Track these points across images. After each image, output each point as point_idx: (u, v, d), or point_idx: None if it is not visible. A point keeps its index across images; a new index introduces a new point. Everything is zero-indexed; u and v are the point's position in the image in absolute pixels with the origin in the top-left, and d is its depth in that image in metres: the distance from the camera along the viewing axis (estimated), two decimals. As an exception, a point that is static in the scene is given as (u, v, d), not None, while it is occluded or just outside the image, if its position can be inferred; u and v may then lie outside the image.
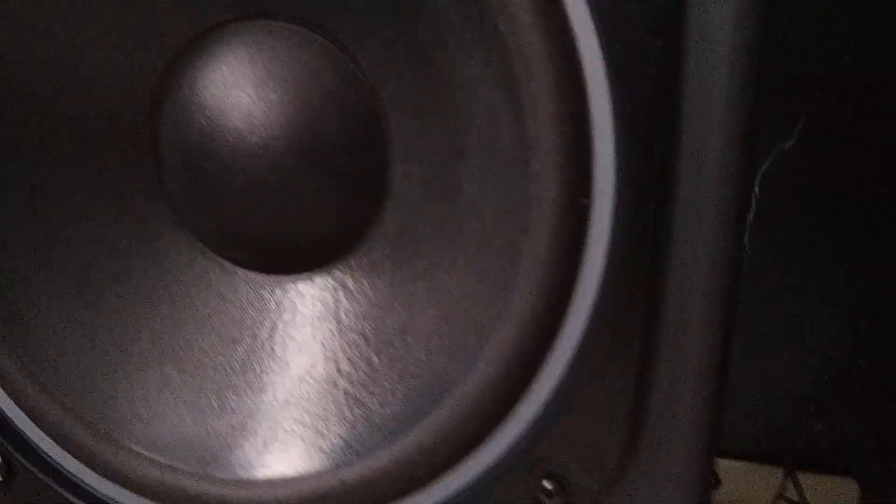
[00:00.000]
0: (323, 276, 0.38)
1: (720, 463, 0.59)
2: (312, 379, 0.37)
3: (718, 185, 0.30)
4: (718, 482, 0.58)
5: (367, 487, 0.35)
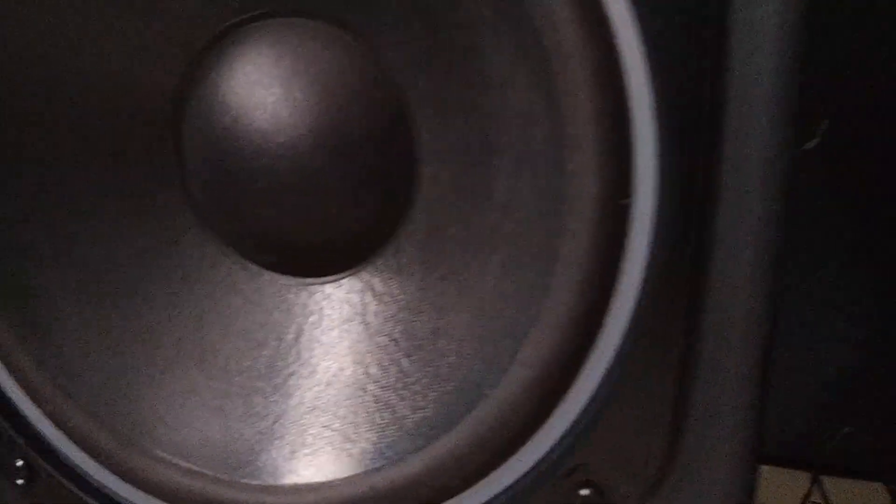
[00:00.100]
0: (349, 278, 0.38)
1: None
2: (340, 383, 0.37)
3: (763, 183, 0.29)
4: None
5: (397, 494, 0.34)
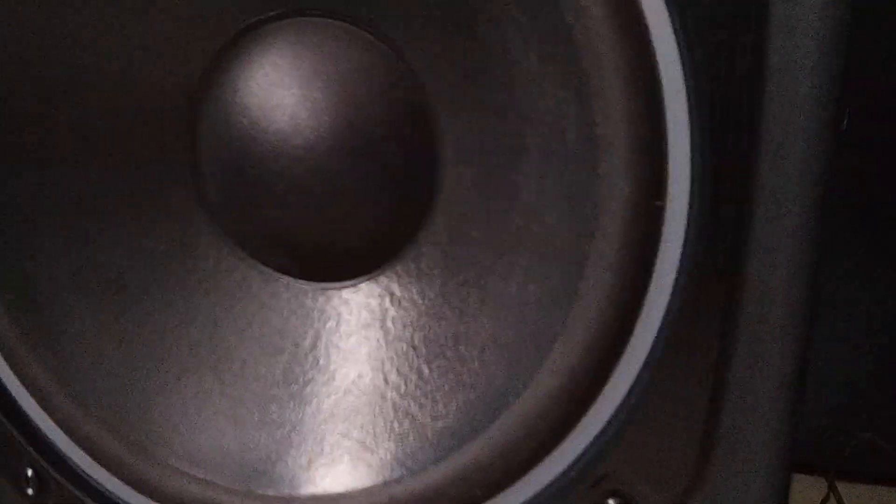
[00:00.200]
0: (368, 282, 0.37)
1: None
2: (359, 390, 0.36)
3: (801, 186, 0.29)
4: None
5: (418, 505, 0.34)
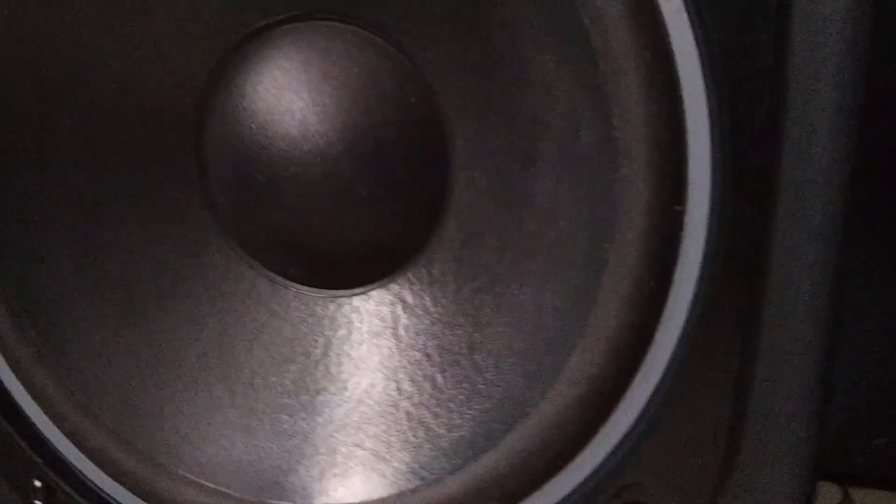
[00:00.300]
0: (379, 290, 0.37)
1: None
2: (371, 400, 0.36)
3: (823, 190, 0.28)
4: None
5: (434, 517, 0.33)
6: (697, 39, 0.28)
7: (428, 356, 0.35)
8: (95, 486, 0.39)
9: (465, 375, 0.34)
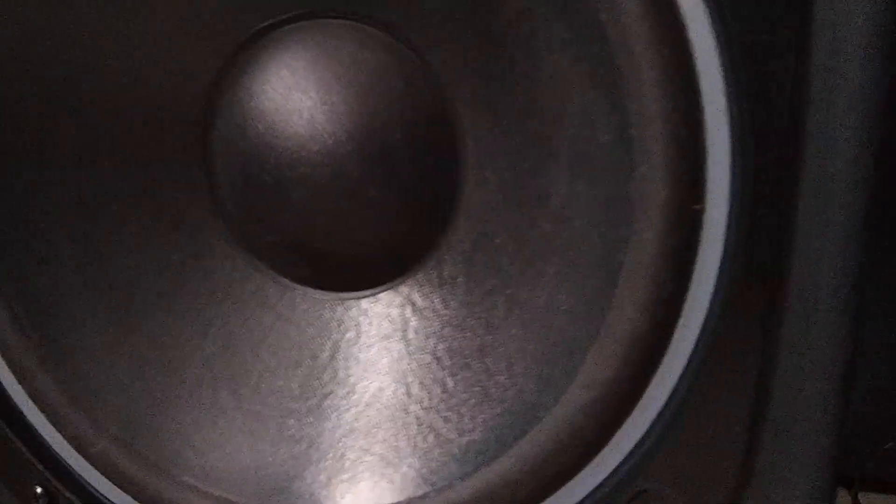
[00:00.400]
0: (388, 291, 0.36)
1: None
2: (380, 404, 0.36)
3: (846, 189, 0.28)
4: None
5: (444, 524, 0.33)
6: (716, 33, 0.27)
7: (438, 359, 0.35)
8: (98, 492, 0.38)
9: (476, 379, 0.34)
